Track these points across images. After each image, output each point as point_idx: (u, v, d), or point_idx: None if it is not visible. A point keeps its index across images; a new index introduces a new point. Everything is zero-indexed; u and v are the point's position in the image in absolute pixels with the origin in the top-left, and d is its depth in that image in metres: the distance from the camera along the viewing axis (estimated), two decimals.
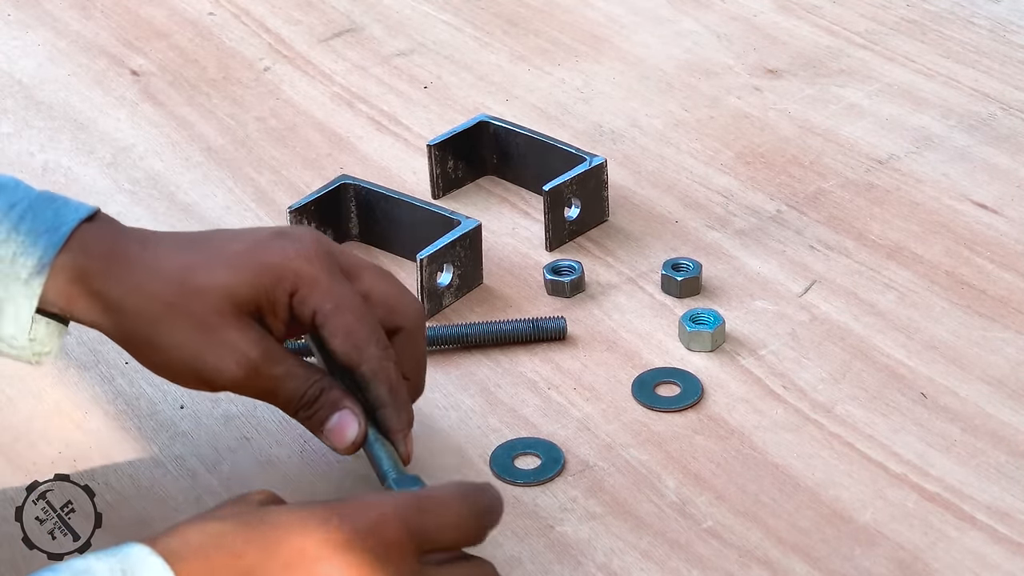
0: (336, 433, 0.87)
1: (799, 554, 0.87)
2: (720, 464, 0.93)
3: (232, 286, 0.85)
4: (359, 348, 0.86)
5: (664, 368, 1.00)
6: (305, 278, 0.86)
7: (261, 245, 0.87)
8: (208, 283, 0.85)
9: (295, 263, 0.87)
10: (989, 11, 1.39)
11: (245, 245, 0.88)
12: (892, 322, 1.03)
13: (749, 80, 1.31)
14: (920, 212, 1.14)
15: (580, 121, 1.26)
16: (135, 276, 0.86)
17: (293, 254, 0.87)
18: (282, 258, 0.87)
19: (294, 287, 0.86)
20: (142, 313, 0.85)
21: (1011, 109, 1.25)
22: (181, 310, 0.85)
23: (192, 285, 0.85)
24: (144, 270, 0.86)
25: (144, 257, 0.87)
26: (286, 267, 0.86)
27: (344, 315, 0.86)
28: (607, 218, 1.14)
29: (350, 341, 0.86)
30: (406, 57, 1.37)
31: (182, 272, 0.86)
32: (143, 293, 0.85)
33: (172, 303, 0.85)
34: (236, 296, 0.85)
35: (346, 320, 0.86)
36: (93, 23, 1.44)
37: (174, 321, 0.85)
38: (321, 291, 0.86)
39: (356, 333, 0.86)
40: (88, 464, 0.95)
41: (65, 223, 0.86)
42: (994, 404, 0.96)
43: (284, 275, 0.86)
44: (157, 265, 0.86)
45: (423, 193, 1.17)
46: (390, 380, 0.87)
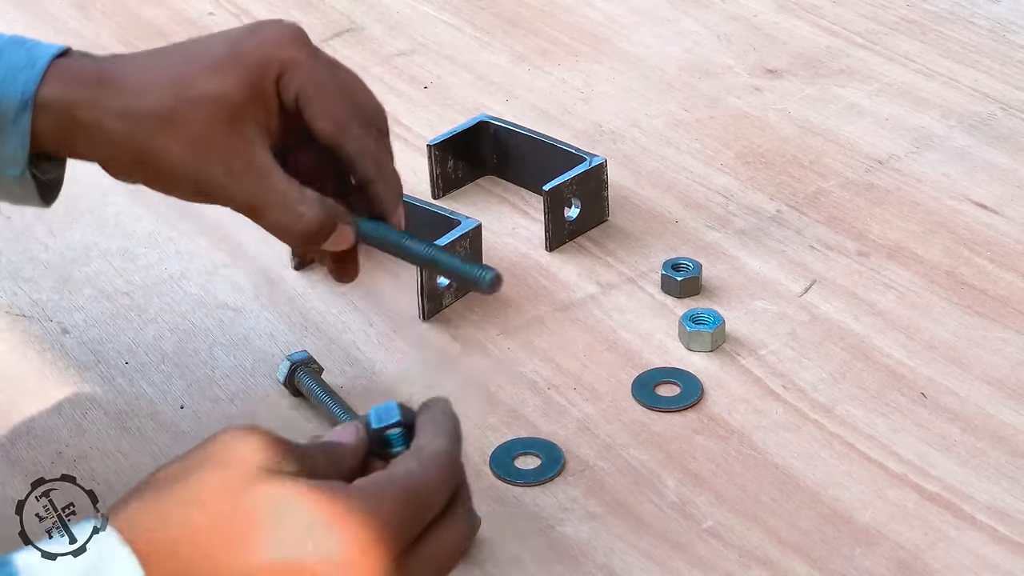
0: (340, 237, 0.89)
1: (799, 554, 0.87)
2: (720, 464, 0.93)
3: (222, 91, 0.86)
4: (341, 127, 0.87)
5: (664, 368, 1.00)
6: (288, 63, 0.87)
7: (242, 43, 0.88)
8: (198, 93, 0.85)
9: (275, 51, 0.87)
10: (989, 11, 1.39)
11: (227, 46, 0.87)
12: (892, 322, 1.03)
13: (749, 80, 1.31)
14: (920, 212, 1.14)
15: (580, 121, 1.26)
16: (125, 98, 0.85)
17: (272, 43, 0.87)
18: (263, 49, 0.87)
19: (278, 73, 0.87)
20: (134, 134, 0.85)
21: (1011, 109, 1.25)
22: (175, 124, 0.85)
23: (184, 98, 0.85)
24: (133, 90, 0.85)
25: (131, 77, 0.86)
26: (269, 56, 0.87)
27: (326, 96, 0.87)
28: (607, 218, 1.14)
29: (334, 121, 0.87)
30: (406, 57, 1.37)
31: (172, 85, 0.85)
32: (136, 113, 0.85)
33: (167, 118, 0.85)
34: (228, 101, 0.86)
35: (328, 101, 0.87)
36: (93, 23, 1.44)
37: (168, 136, 0.85)
38: (302, 73, 0.87)
39: (339, 112, 0.87)
40: (88, 464, 0.95)
41: (40, 58, 0.86)
42: (994, 404, 0.96)
43: (269, 66, 0.87)
44: (145, 83, 0.86)
45: (423, 193, 1.17)
46: (376, 156, 0.89)
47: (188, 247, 1.13)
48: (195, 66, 0.86)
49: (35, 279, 1.11)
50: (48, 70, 0.85)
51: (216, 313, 1.07)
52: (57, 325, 1.06)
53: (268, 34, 0.88)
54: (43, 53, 0.86)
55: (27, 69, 0.85)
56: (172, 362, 1.02)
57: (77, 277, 1.11)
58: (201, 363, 1.02)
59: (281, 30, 0.88)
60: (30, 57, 0.86)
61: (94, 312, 1.08)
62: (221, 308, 1.07)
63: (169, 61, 0.88)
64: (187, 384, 1.01)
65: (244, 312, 1.07)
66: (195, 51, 0.88)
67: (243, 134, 0.86)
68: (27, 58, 0.86)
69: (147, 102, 0.85)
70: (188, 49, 0.89)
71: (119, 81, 0.86)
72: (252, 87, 0.86)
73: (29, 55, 0.86)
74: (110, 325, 1.06)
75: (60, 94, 0.85)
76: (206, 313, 1.07)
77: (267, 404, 0.99)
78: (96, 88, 0.85)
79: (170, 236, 1.15)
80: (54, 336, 1.05)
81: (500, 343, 1.03)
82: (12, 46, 0.87)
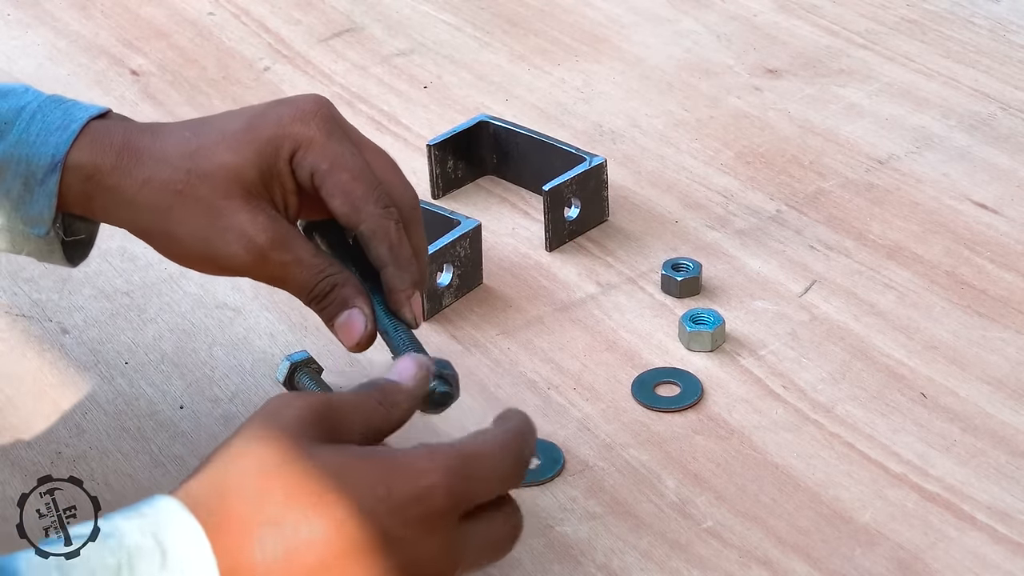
0: (344, 331, 0.86)
1: (799, 554, 0.87)
2: (720, 464, 0.93)
3: (236, 167, 0.85)
4: (356, 207, 0.85)
5: (664, 368, 1.00)
6: (302, 139, 0.85)
7: (259, 118, 0.87)
8: (213, 167, 0.85)
9: (291, 127, 0.86)
10: (989, 11, 1.39)
11: (244, 122, 0.87)
12: (892, 322, 1.03)
13: (749, 80, 1.31)
14: (920, 212, 1.14)
15: (580, 121, 1.26)
16: (145, 169, 0.86)
17: (289, 119, 0.86)
18: (278, 126, 0.86)
19: (292, 151, 0.86)
20: (154, 205, 0.85)
21: (1011, 109, 1.25)
22: (190, 197, 0.85)
23: (198, 171, 0.85)
24: (153, 161, 0.86)
25: (152, 148, 0.86)
26: (283, 133, 0.86)
27: (341, 173, 0.85)
28: (607, 218, 1.14)
29: (348, 199, 0.85)
30: (406, 57, 1.37)
31: (188, 159, 0.85)
32: (153, 185, 0.85)
33: (180, 191, 0.85)
34: (242, 176, 0.85)
35: (343, 178, 0.85)
36: (93, 23, 1.44)
37: (184, 209, 0.85)
38: (316, 150, 0.85)
39: (352, 192, 0.85)
40: (88, 464, 0.95)
41: (75, 121, 0.86)
42: (994, 404, 0.96)
43: (282, 142, 0.86)
44: (164, 155, 0.86)
45: (423, 193, 1.16)
46: (390, 238, 0.85)
47: None
48: (212, 140, 0.86)
49: (35, 279, 1.11)
50: (80, 133, 0.87)
51: (216, 313, 1.07)
52: (57, 325, 1.06)
53: (287, 110, 0.87)
54: (78, 115, 0.87)
55: (60, 131, 0.87)
56: (171, 362, 1.02)
57: (77, 277, 1.11)
58: (200, 363, 1.02)
59: (301, 106, 0.87)
60: (65, 119, 0.87)
61: (94, 312, 1.08)
62: (221, 308, 1.07)
63: (191, 133, 0.88)
64: (187, 384, 1.01)
65: (244, 312, 1.07)
66: (216, 124, 0.88)
67: (261, 211, 0.85)
68: (62, 119, 0.87)
69: (164, 173, 0.86)
70: (211, 122, 0.89)
71: (142, 150, 0.86)
72: (265, 163, 0.85)
73: (65, 116, 0.87)
74: (110, 325, 1.06)
75: (87, 158, 0.86)
76: (206, 313, 1.07)
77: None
78: (120, 155, 0.86)
79: None
80: (54, 336, 1.05)
81: (500, 343, 1.03)
82: (51, 105, 0.88)
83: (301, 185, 0.86)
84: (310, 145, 0.85)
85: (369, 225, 0.85)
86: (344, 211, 0.85)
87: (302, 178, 0.86)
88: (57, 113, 0.87)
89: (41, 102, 0.88)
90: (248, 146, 0.85)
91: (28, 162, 0.86)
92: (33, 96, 0.89)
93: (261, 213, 0.85)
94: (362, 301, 0.86)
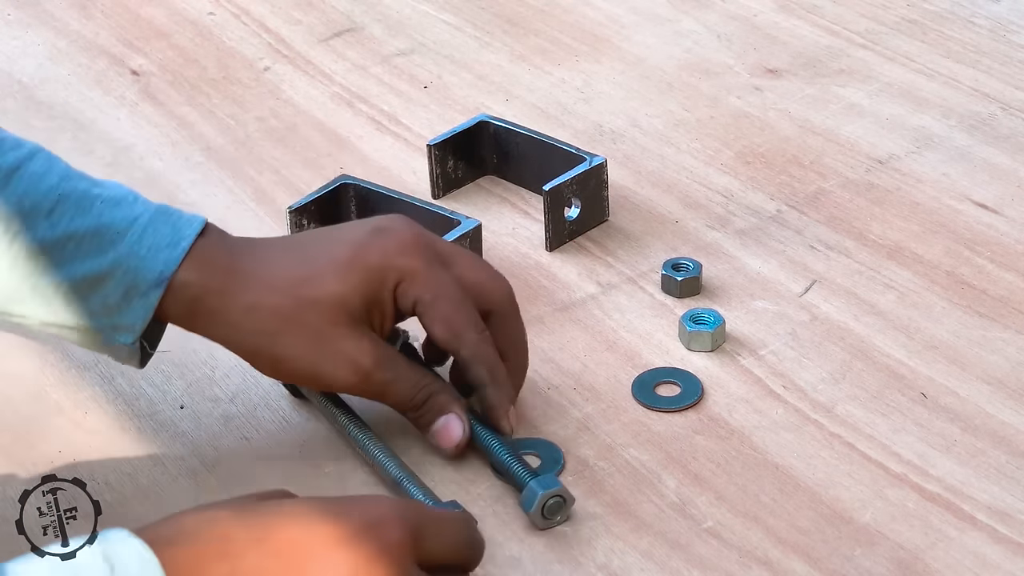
0: (442, 436, 0.92)
1: (799, 554, 0.87)
2: (720, 464, 0.93)
3: (343, 295, 0.90)
4: (457, 335, 0.91)
5: (664, 368, 1.00)
6: (406, 271, 0.91)
7: (363, 247, 0.91)
8: (320, 295, 0.90)
9: (396, 260, 0.91)
10: (989, 11, 1.39)
11: (349, 250, 0.91)
12: (892, 322, 1.03)
13: (749, 80, 1.31)
14: (920, 212, 1.14)
15: (580, 121, 1.26)
16: (252, 293, 0.90)
17: (394, 251, 0.91)
18: (383, 257, 0.91)
19: (396, 282, 0.91)
20: (261, 329, 0.90)
21: (1011, 109, 1.25)
22: (297, 323, 0.89)
23: (306, 299, 0.90)
24: (259, 286, 0.90)
25: (258, 272, 0.90)
26: (389, 265, 0.91)
27: (442, 304, 0.91)
28: (607, 218, 1.14)
29: (449, 328, 0.91)
30: (406, 57, 1.37)
31: (295, 286, 0.90)
32: (261, 310, 0.90)
33: (289, 317, 0.89)
34: (347, 304, 0.90)
35: (444, 309, 0.91)
36: (93, 23, 1.44)
37: (292, 334, 0.89)
38: (420, 282, 0.91)
39: (453, 320, 0.91)
40: (88, 464, 0.95)
41: (184, 239, 0.90)
42: (994, 404, 0.96)
43: (387, 274, 0.91)
44: (271, 280, 0.90)
45: (423, 193, 1.17)
46: (488, 361, 0.91)
47: None
48: (318, 267, 0.91)
49: None
50: (188, 251, 0.90)
51: None
52: None
53: (390, 240, 0.91)
54: (186, 232, 0.90)
55: (170, 248, 0.89)
56: (172, 362, 1.02)
57: None
58: (201, 363, 1.02)
59: (403, 236, 0.92)
60: (174, 236, 0.90)
61: None
62: None
63: (295, 258, 0.92)
64: (187, 384, 1.01)
65: None
66: (320, 250, 0.92)
67: (364, 335, 0.90)
68: (172, 235, 0.90)
69: (272, 300, 0.90)
70: (314, 246, 0.93)
71: (248, 273, 0.90)
72: (371, 293, 0.90)
73: (174, 233, 0.90)
74: None
75: (195, 279, 0.90)
76: None
77: (267, 404, 0.99)
78: (226, 278, 0.90)
79: None
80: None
81: None
82: (161, 218, 0.90)
83: (401, 311, 0.92)
84: (414, 277, 0.91)
85: (469, 351, 0.91)
86: (446, 338, 0.91)
87: (404, 306, 0.91)
88: (167, 228, 0.90)
89: (152, 214, 0.91)
90: (354, 275, 0.90)
91: (135, 274, 0.89)
92: (143, 207, 0.91)
93: (365, 338, 0.90)
94: (458, 407, 0.92)
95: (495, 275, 0.95)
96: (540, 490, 0.88)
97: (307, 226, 1.10)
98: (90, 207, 0.90)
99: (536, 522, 0.88)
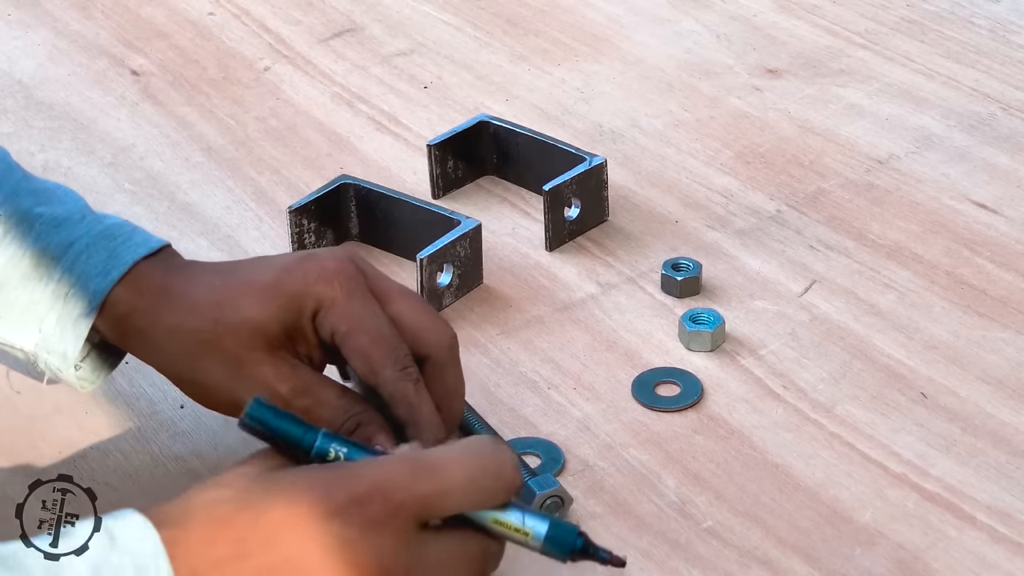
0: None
1: (799, 554, 0.87)
2: (720, 464, 0.93)
3: (260, 320, 0.87)
4: (375, 370, 0.86)
5: (664, 368, 1.00)
6: (324, 299, 0.87)
7: (287, 273, 0.88)
8: (238, 320, 0.87)
9: (315, 286, 0.87)
10: (989, 11, 1.39)
11: (272, 274, 0.88)
12: (892, 322, 1.03)
13: (749, 80, 1.31)
14: (920, 212, 1.14)
15: (580, 121, 1.26)
16: (175, 315, 0.88)
17: (314, 277, 0.87)
18: (303, 283, 0.87)
19: (314, 310, 0.87)
20: (181, 352, 0.88)
21: (1011, 109, 1.25)
22: (215, 348, 0.87)
23: (224, 322, 0.87)
24: (182, 308, 0.88)
25: (184, 294, 0.89)
26: (307, 292, 0.87)
27: (359, 337, 0.86)
28: (607, 218, 1.14)
29: (366, 363, 0.86)
30: (406, 57, 1.37)
31: (215, 309, 0.88)
32: (181, 332, 0.88)
33: (206, 340, 0.87)
34: (265, 330, 0.87)
35: (359, 342, 0.86)
36: (93, 23, 1.44)
37: (210, 359, 0.87)
38: (337, 312, 0.87)
39: (371, 355, 0.86)
40: (88, 464, 0.95)
41: (116, 267, 0.89)
42: (994, 404, 0.96)
43: (306, 301, 0.87)
44: (194, 302, 0.88)
45: (423, 193, 1.17)
46: (408, 400, 0.86)
47: (188, 247, 1.13)
48: (240, 291, 0.88)
49: None
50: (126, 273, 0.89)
51: None
52: None
53: (312, 267, 0.88)
54: (125, 257, 0.89)
55: (100, 277, 0.89)
56: None
57: None
58: None
59: (328, 264, 0.88)
60: (109, 262, 0.89)
61: None
62: None
63: (222, 280, 0.89)
64: None
65: None
66: (247, 273, 0.90)
67: (283, 361, 0.87)
68: (106, 263, 0.89)
69: (192, 322, 0.88)
70: (244, 270, 0.91)
71: (174, 294, 0.89)
72: (288, 319, 0.87)
73: (109, 259, 0.89)
74: None
75: (125, 297, 0.89)
76: None
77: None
78: (154, 298, 0.89)
79: (170, 236, 1.14)
80: None
81: (500, 343, 1.03)
82: (99, 243, 0.90)
83: (324, 342, 0.88)
84: (331, 306, 0.87)
85: (387, 388, 0.86)
86: (363, 372, 0.87)
87: (324, 336, 0.88)
88: (103, 254, 0.89)
89: (92, 238, 0.90)
90: (273, 301, 0.87)
91: (64, 302, 0.89)
92: (85, 229, 0.90)
93: (283, 364, 0.87)
94: (383, 438, 0.86)
95: (436, 321, 0.90)
96: (537, 490, 0.88)
97: (307, 226, 1.10)
98: (29, 229, 0.90)
99: None
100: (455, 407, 0.89)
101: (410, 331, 0.88)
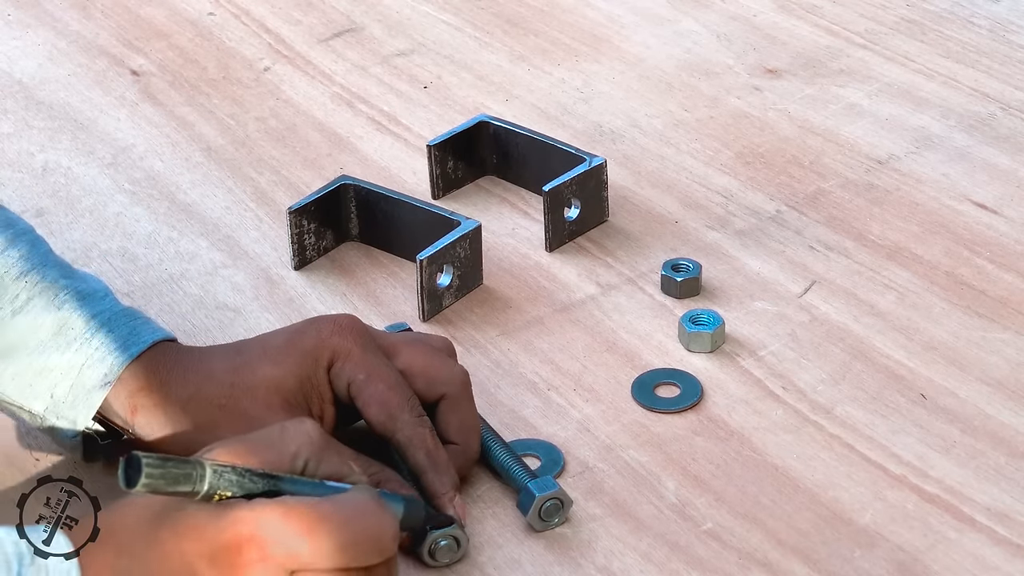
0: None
1: (799, 556, 0.87)
2: (720, 465, 0.93)
3: (276, 379, 0.89)
4: (392, 416, 0.89)
5: (664, 369, 1.00)
6: (339, 352, 0.90)
7: (298, 334, 0.91)
8: (254, 381, 0.89)
9: (330, 339, 0.90)
10: (989, 11, 1.39)
11: (285, 337, 0.91)
12: (892, 322, 1.03)
13: (749, 80, 1.31)
14: (920, 212, 1.14)
15: (580, 121, 1.26)
16: (190, 386, 0.90)
17: (328, 333, 0.90)
18: (317, 340, 0.90)
19: (330, 361, 0.90)
20: (197, 423, 0.89)
21: (1011, 109, 1.25)
22: (232, 412, 0.89)
23: (241, 385, 0.89)
24: (198, 379, 0.90)
25: (199, 367, 0.91)
26: (322, 346, 0.90)
27: (376, 384, 0.89)
28: (607, 218, 1.14)
29: (383, 410, 0.89)
30: (406, 57, 1.37)
31: (231, 374, 0.90)
32: (197, 401, 0.89)
33: (223, 406, 0.89)
34: (281, 388, 0.89)
35: (378, 389, 0.89)
36: (93, 23, 1.44)
37: (226, 426, 0.88)
38: (353, 362, 0.89)
39: (388, 402, 0.89)
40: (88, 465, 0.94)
41: (136, 344, 0.91)
42: (994, 405, 0.96)
43: (320, 355, 0.90)
44: (210, 372, 0.90)
45: (423, 193, 1.17)
46: (425, 446, 0.88)
47: (188, 248, 1.13)
48: (254, 356, 0.91)
49: None
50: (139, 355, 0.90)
51: (216, 314, 1.07)
52: None
53: (324, 324, 0.91)
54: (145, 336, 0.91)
55: (119, 352, 0.90)
56: None
57: None
58: None
59: (339, 320, 0.91)
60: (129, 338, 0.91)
61: None
62: (221, 309, 1.07)
63: (233, 350, 0.92)
64: None
65: (244, 313, 1.07)
66: (257, 341, 0.93)
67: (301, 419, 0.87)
68: (126, 338, 0.91)
69: (209, 390, 0.90)
70: (253, 341, 0.93)
71: (187, 367, 0.91)
72: (304, 373, 0.90)
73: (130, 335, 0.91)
74: None
75: (137, 374, 0.90)
76: (206, 314, 1.07)
77: None
78: (168, 373, 0.90)
79: (170, 237, 1.15)
80: None
81: (500, 344, 1.03)
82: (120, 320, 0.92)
83: (338, 395, 0.90)
84: (348, 356, 0.90)
85: (405, 433, 0.89)
86: (380, 420, 0.89)
87: (339, 388, 0.90)
88: (123, 331, 0.91)
89: (113, 315, 0.92)
90: (288, 358, 0.90)
91: (79, 372, 0.90)
92: (107, 306, 0.92)
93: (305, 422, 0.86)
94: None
95: (447, 361, 0.92)
96: (537, 493, 0.88)
97: (307, 226, 1.10)
98: (53, 298, 0.91)
99: (533, 524, 0.88)
100: (472, 442, 0.92)
101: (423, 374, 0.91)
